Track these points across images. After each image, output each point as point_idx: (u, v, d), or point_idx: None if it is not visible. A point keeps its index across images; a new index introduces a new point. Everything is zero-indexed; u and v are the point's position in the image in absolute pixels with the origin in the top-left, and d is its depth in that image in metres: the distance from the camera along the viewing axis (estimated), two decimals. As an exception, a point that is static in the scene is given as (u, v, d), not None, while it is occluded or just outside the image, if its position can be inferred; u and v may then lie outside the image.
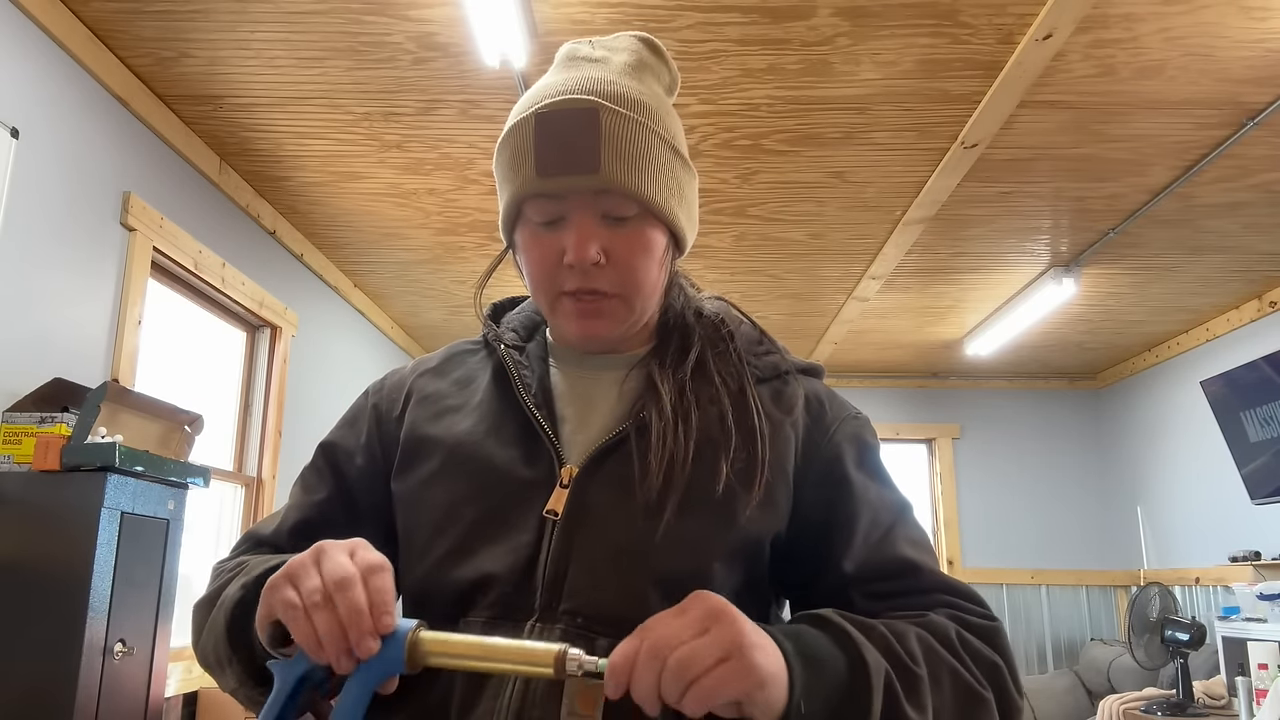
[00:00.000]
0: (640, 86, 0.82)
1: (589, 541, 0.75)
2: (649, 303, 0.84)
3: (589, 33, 2.37)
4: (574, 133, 0.76)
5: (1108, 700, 4.06)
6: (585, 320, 0.81)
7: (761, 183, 3.22)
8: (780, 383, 0.87)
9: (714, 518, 0.76)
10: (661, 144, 0.80)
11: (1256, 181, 3.12)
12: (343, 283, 4.25)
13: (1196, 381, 4.53)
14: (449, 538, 0.79)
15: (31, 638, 1.86)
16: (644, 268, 0.80)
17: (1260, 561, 4.06)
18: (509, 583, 0.75)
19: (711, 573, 0.75)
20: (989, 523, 5.75)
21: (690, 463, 0.77)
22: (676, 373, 0.83)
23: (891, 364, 5.77)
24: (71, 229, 2.36)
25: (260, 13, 2.30)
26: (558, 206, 0.78)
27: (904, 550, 0.81)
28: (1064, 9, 2.18)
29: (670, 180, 0.81)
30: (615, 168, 0.76)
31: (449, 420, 0.86)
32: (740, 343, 0.88)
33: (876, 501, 0.83)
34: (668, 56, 0.88)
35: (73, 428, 2.02)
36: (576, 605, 0.73)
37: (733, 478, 0.77)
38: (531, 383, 0.85)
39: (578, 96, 0.77)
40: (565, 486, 0.78)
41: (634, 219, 0.79)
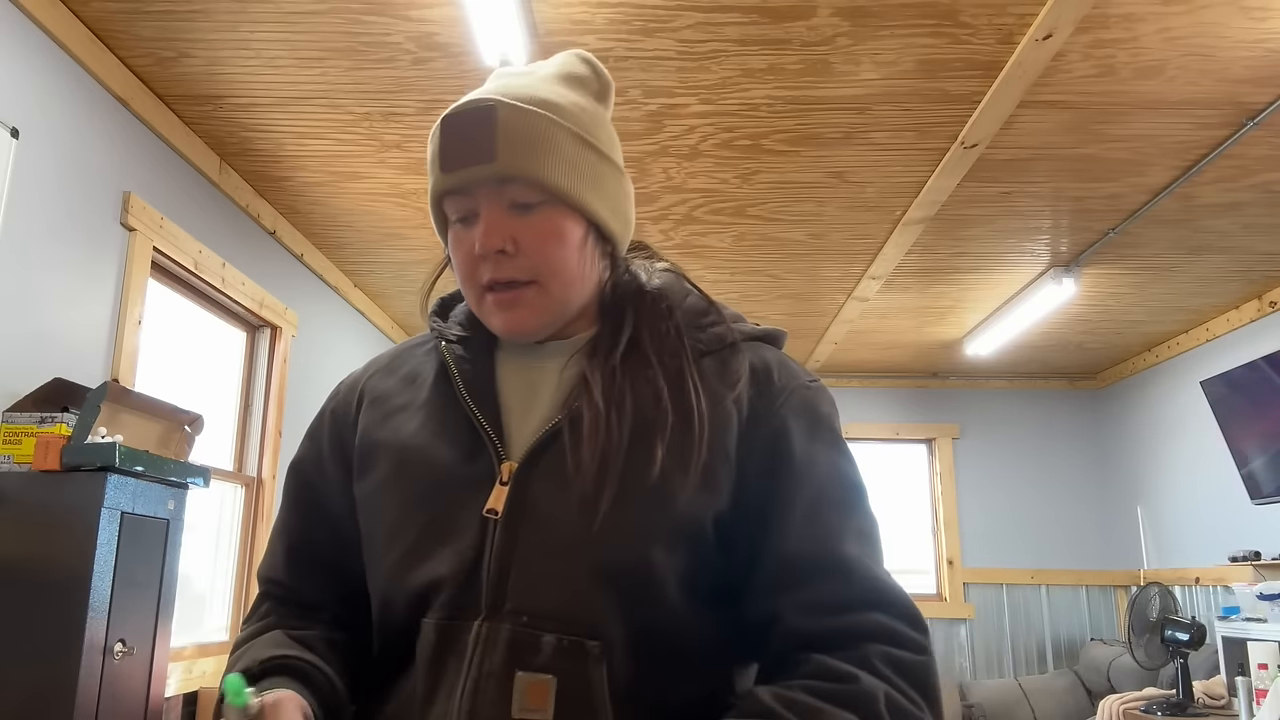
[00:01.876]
0: (555, 89, 0.84)
1: (530, 538, 0.75)
2: (570, 290, 0.82)
3: (589, 33, 2.37)
4: (472, 128, 0.79)
5: (1108, 700, 4.06)
6: (505, 312, 0.81)
7: (761, 183, 3.22)
8: (727, 353, 0.84)
9: (651, 504, 0.75)
10: (569, 136, 0.81)
11: (1256, 181, 3.12)
12: (343, 283, 4.25)
13: (1196, 381, 4.53)
14: (401, 542, 0.80)
15: (31, 638, 1.86)
16: (556, 254, 0.80)
17: (1260, 561, 4.06)
18: (456, 584, 0.76)
19: (652, 560, 0.74)
20: (989, 523, 5.75)
21: (626, 450, 0.76)
22: (609, 357, 0.81)
23: (891, 364, 5.77)
24: (71, 229, 2.36)
25: (260, 13, 2.30)
26: (469, 202, 0.80)
27: (844, 546, 0.77)
28: (1064, 9, 2.18)
29: (579, 170, 0.81)
30: (511, 155, 0.78)
31: (397, 421, 0.87)
32: (682, 316, 0.86)
33: (823, 480, 0.80)
34: (599, 68, 0.89)
35: (73, 428, 2.02)
36: (521, 604, 0.74)
37: (669, 461, 0.75)
38: (472, 377, 0.85)
39: (479, 98, 0.80)
40: (505, 484, 0.78)
41: (541, 206, 0.80)
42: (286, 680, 0.78)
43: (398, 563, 0.80)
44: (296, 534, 0.91)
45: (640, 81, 2.59)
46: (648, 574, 0.74)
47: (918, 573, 5.80)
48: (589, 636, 0.72)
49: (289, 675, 0.78)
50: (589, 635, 0.72)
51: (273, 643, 0.83)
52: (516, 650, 0.72)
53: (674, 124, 2.83)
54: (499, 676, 0.72)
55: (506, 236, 0.78)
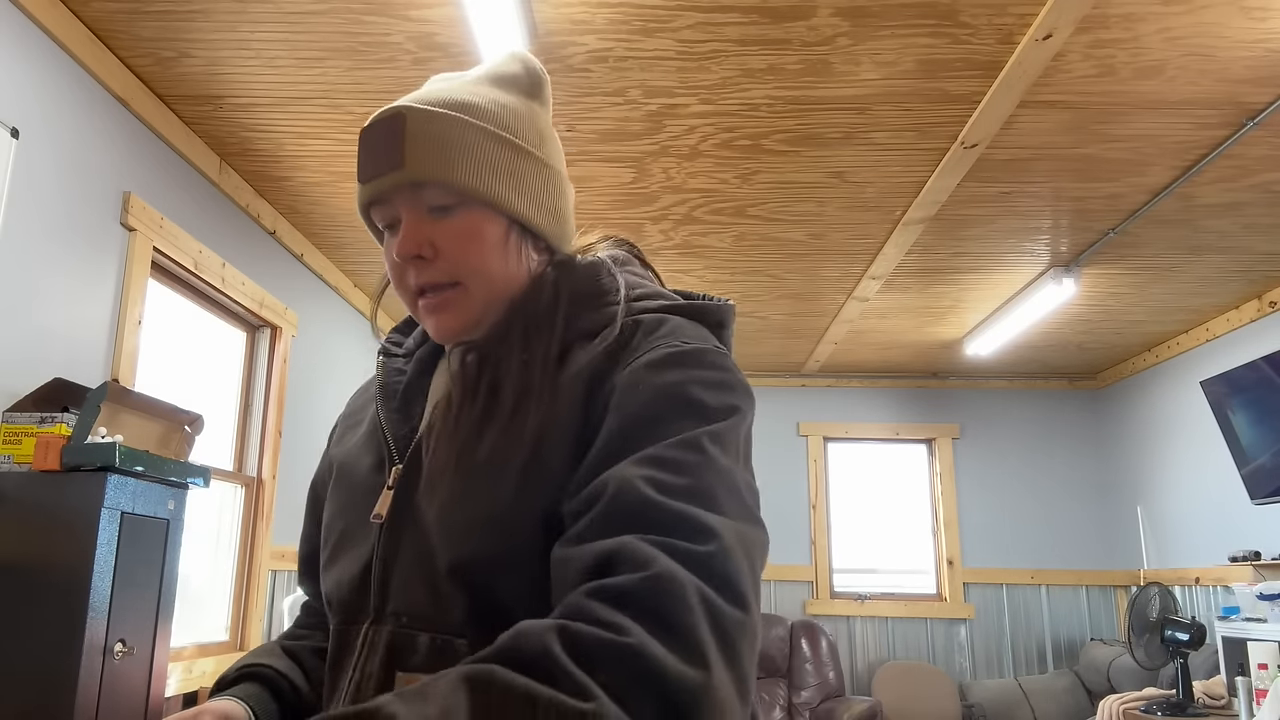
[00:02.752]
0: (475, 89, 0.84)
1: (407, 541, 0.77)
2: (496, 288, 0.81)
3: (589, 33, 2.37)
4: (382, 137, 0.80)
5: (1108, 700, 4.06)
6: (434, 315, 0.82)
7: (761, 183, 3.22)
8: (607, 331, 0.77)
9: (478, 497, 0.72)
10: (481, 135, 0.80)
11: (1256, 181, 3.12)
12: (343, 283, 4.25)
13: (1196, 381, 4.53)
14: (325, 551, 0.86)
15: (31, 638, 1.86)
16: (475, 254, 0.80)
17: (1260, 561, 4.06)
18: (349, 589, 0.80)
19: (495, 555, 0.70)
20: (989, 523, 5.75)
21: (464, 444, 0.75)
22: (474, 348, 0.80)
23: (891, 364, 5.77)
24: (71, 229, 2.36)
25: (260, 13, 2.30)
26: (389, 210, 0.81)
27: (625, 474, 0.63)
28: (1064, 9, 2.18)
29: (494, 168, 0.80)
30: (419, 160, 0.78)
31: (347, 437, 0.92)
32: (572, 298, 0.80)
33: (643, 402, 0.68)
34: (532, 64, 0.89)
35: (73, 428, 2.02)
36: (398, 606, 0.76)
37: (497, 451, 0.72)
38: (399, 388, 0.87)
39: (391, 107, 0.81)
40: (390, 488, 0.79)
41: (456, 208, 0.79)
42: (250, 685, 0.85)
43: (322, 569, 0.85)
44: (306, 546, 0.96)
45: (640, 81, 2.59)
46: (497, 568, 0.70)
47: (918, 573, 5.81)
48: (457, 635, 0.72)
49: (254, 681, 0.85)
50: (456, 633, 0.72)
51: (260, 651, 0.90)
52: (396, 651, 0.74)
53: (674, 124, 2.83)
54: (379, 677, 0.74)
55: (423, 241, 0.79)
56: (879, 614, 5.62)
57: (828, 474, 5.90)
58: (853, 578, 5.76)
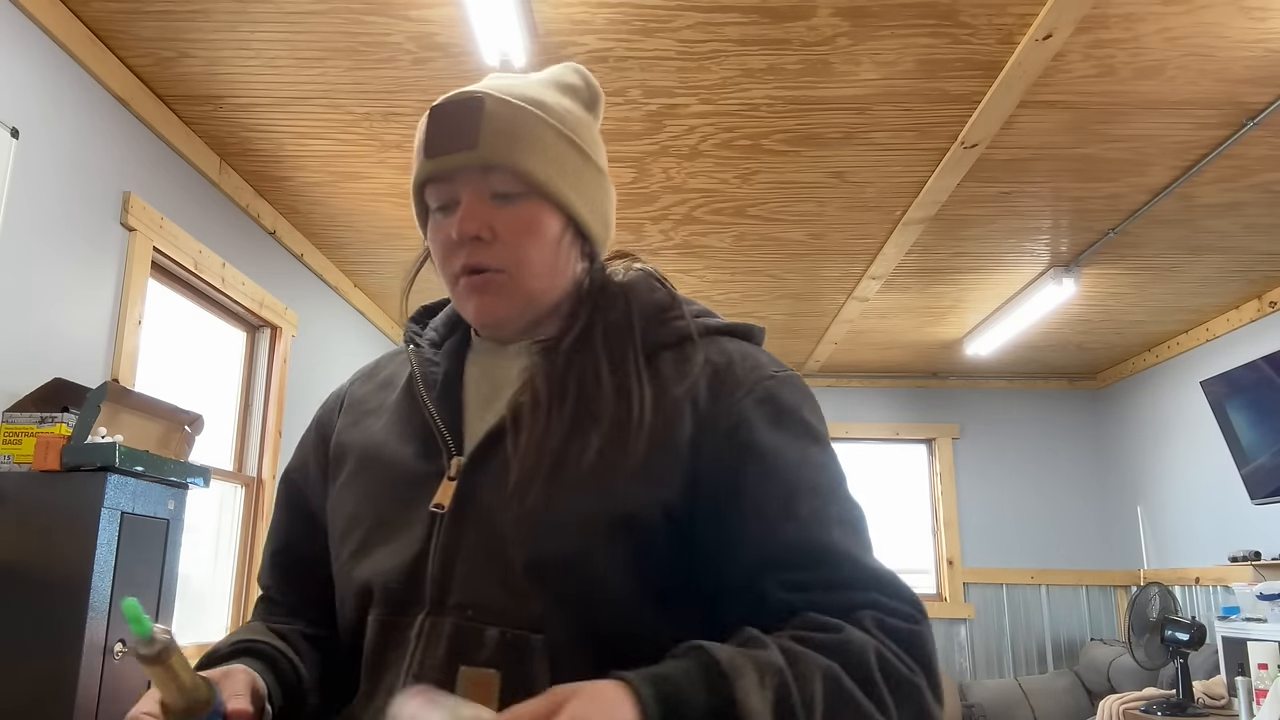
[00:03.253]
0: (545, 91, 0.86)
1: (474, 533, 0.76)
2: (542, 283, 0.82)
3: (589, 33, 2.37)
4: (458, 116, 0.80)
5: (1108, 700, 4.06)
6: (477, 296, 0.81)
7: (761, 183, 3.22)
8: (687, 348, 0.82)
9: (585, 497, 0.74)
10: (555, 134, 0.82)
11: (1256, 181, 3.12)
12: (343, 283, 4.25)
13: (1196, 381, 4.53)
14: (352, 540, 0.82)
15: (31, 638, 1.86)
16: (531, 245, 0.81)
17: (1260, 561, 4.06)
18: (397, 579, 0.77)
19: (589, 553, 0.73)
20: (989, 523, 5.75)
21: (565, 442, 0.75)
22: (557, 351, 0.81)
23: (891, 364, 5.77)
24: (71, 229, 2.36)
25: (260, 13, 2.30)
26: (450, 189, 0.81)
27: (828, 533, 0.73)
28: (1064, 9, 2.18)
29: (562, 166, 0.82)
30: (495, 143, 0.79)
31: (366, 424, 0.89)
32: (643, 310, 0.84)
33: (794, 471, 0.76)
34: (591, 79, 0.91)
35: (73, 428, 2.02)
36: (464, 598, 0.74)
37: (605, 453, 0.75)
38: (437, 377, 0.86)
39: (468, 90, 0.82)
40: (452, 479, 0.78)
41: (521, 197, 0.80)
42: (250, 660, 0.78)
43: (347, 560, 0.82)
44: (279, 539, 0.94)
45: (640, 81, 2.59)
46: (585, 567, 0.73)
47: (918, 573, 5.80)
48: (532, 630, 0.72)
49: (253, 656, 0.79)
50: (532, 629, 0.72)
51: (249, 630, 0.85)
52: (459, 644, 0.72)
53: (674, 124, 2.83)
54: (441, 670, 0.71)
55: (484, 224, 0.79)
56: (879, 614, 5.62)
57: (828, 474, 5.89)
58: (853, 578, 5.76)
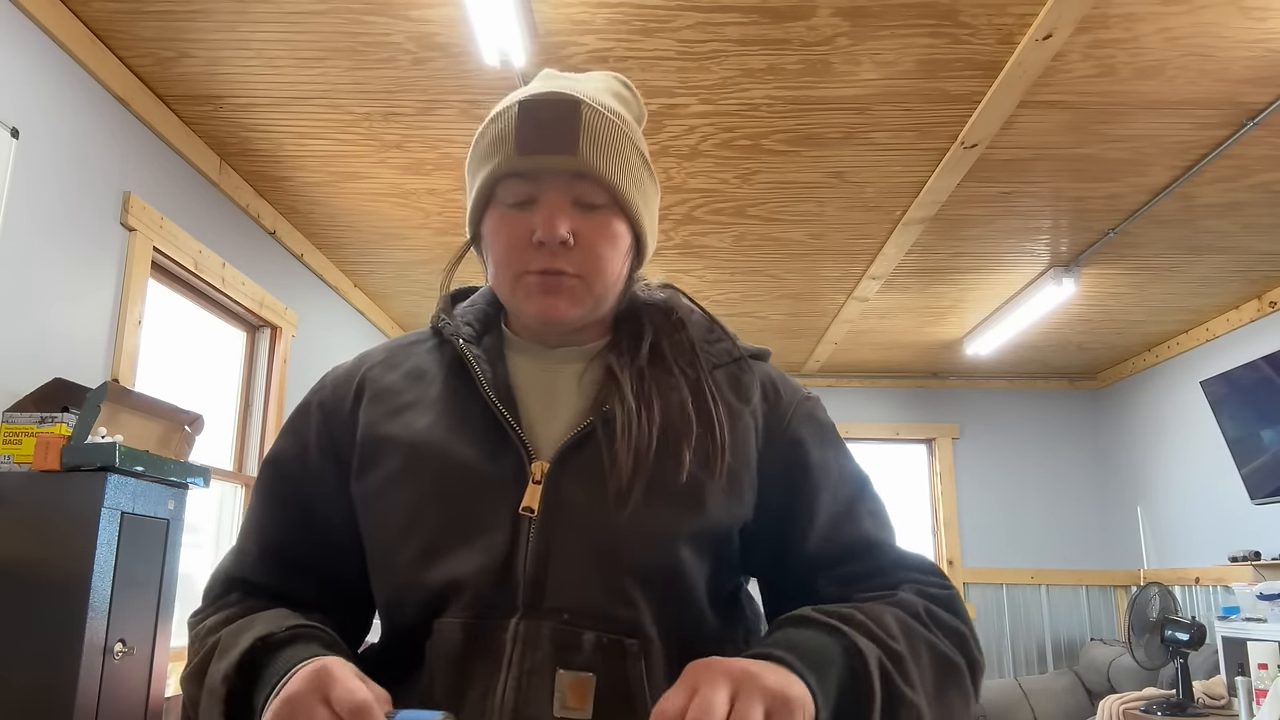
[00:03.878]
0: (617, 103, 0.88)
1: (567, 537, 0.76)
2: (609, 292, 0.85)
3: (589, 33, 2.37)
4: (556, 117, 0.80)
5: (1108, 700, 4.06)
6: (547, 297, 0.81)
7: (761, 183, 3.22)
8: (735, 369, 0.88)
9: (680, 506, 0.77)
10: (633, 148, 0.85)
11: (1256, 181, 3.12)
12: (343, 283, 4.25)
13: (1196, 381, 4.53)
14: (417, 540, 0.78)
15: (31, 638, 1.86)
16: (609, 255, 0.82)
17: (1260, 561, 4.06)
18: (485, 583, 0.75)
19: (682, 562, 0.77)
20: (989, 523, 5.75)
21: (655, 451, 0.78)
22: (634, 361, 0.84)
23: (891, 364, 5.77)
24: (71, 229, 2.36)
25: (260, 13, 2.30)
26: (531, 188, 0.81)
27: (865, 528, 0.84)
28: (1064, 9, 2.18)
29: (640, 183, 0.85)
30: (592, 153, 0.80)
31: (407, 418, 0.84)
32: (692, 330, 0.89)
33: (836, 480, 0.86)
34: (636, 92, 0.93)
35: (73, 428, 2.02)
36: (561, 602, 0.74)
37: (695, 466, 0.78)
38: (492, 376, 0.84)
39: (561, 91, 0.82)
40: (538, 483, 0.77)
41: (603, 208, 0.82)
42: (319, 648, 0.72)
43: (413, 561, 0.77)
44: (274, 532, 0.86)
45: (640, 81, 2.59)
46: (679, 574, 0.77)
47: (918, 573, 5.80)
48: (628, 635, 0.74)
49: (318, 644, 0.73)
50: (628, 633, 0.74)
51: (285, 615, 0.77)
52: (558, 647, 0.73)
53: (674, 124, 2.83)
54: (542, 674, 0.72)
55: (570, 229, 0.80)
56: (879, 614, 5.62)
57: (828, 474, 5.89)
58: (853, 578, 5.76)
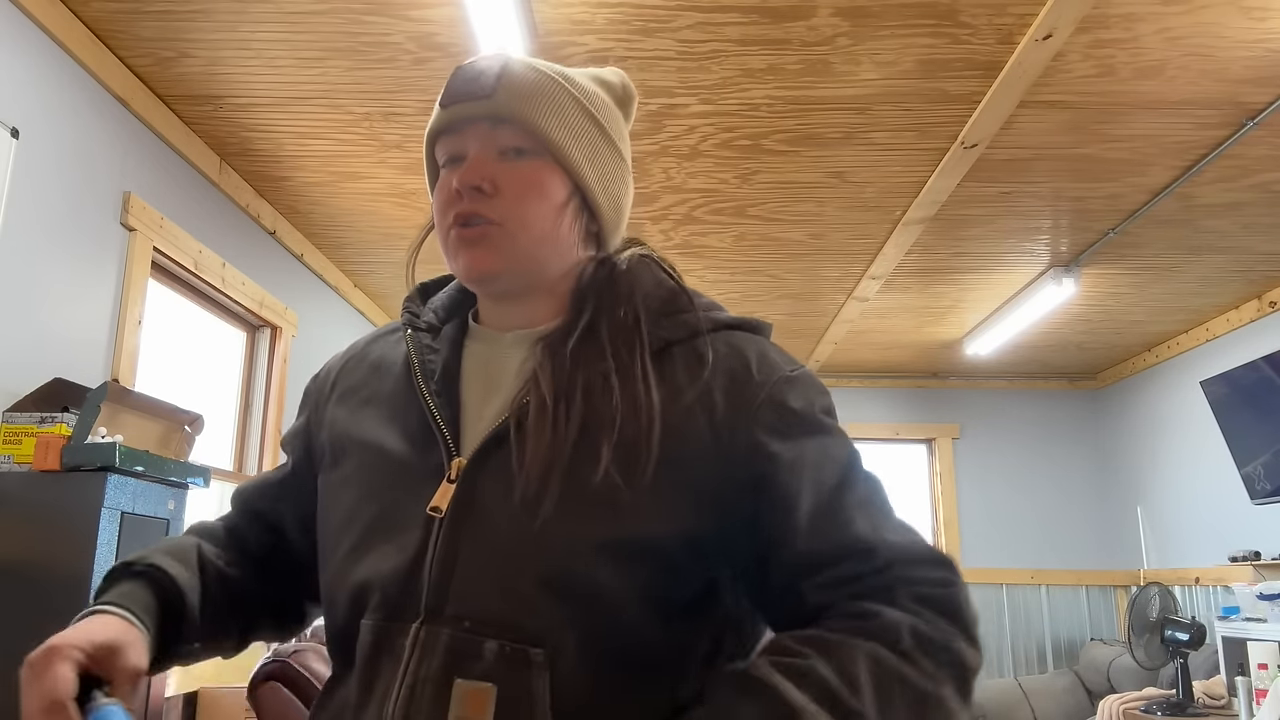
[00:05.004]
0: (577, 73, 0.86)
1: (475, 540, 0.72)
2: (538, 248, 0.80)
3: (589, 33, 2.37)
4: (479, 70, 0.80)
5: (1108, 700, 4.06)
6: (469, 249, 0.79)
7: (761, 183, 3.22)
8: (698, 343, 0.78)
9: (595, 512, 0.70)
10: (575, 103, 0.82)
11: (1256, 181, 3.12)
12: (343, 283, 4.25)
13: (1196, 381, 4.53)
14: (349, 538, 0.78)
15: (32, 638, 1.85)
16: (532, 204, 0.79)
17: (1260, 561, 4.06)
18: (394, 584, 0.73)
19: (599, 571, 0.70)
20: (989, 523, 5.75)
21: (571, 454, 0.71)
22: (562, 348, 0.77)
23: (891, 364, 5.77)
24: (71, 229, 2.36)
25: (260, 13, 2.30)
26: (459, 142, 0.81)
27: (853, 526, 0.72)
28: (1064, 9, 2.18)
29: (577, 134, 0.82)
30: (509, 96, 0.79)
31: (362, 414, 0.84)
32: (649, 303, 0.80)
33: (814, 474, 0.74)
34: (628, 81, 0.91)
35: (73, 428, 2.02)
36: (462, 609, 0.70)
37: (616, 465, 0.71)
38: (435, 367, 0.81)
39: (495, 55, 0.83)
40: (452, 481, 0.74)
41: (530, 154, 0.80)
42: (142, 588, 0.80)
43: (341, 560, 0.78)
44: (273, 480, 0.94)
45: (640, 81, 2.59)
46: (596, 584, 0.70)
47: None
48: (532, 644, 0.68)
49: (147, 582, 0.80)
50: (532, 643, 0.68)
51: (167, 549, 0.84)
52: (456, 656, 0.69)
53: (674, 124, 2.83)
54: (436, 683, 0.68)
55: (486, 175, 0.78)
56: (879, 614, 5.62)
57: (828, 474, 5.89)
58: (853, 578, 5.76)
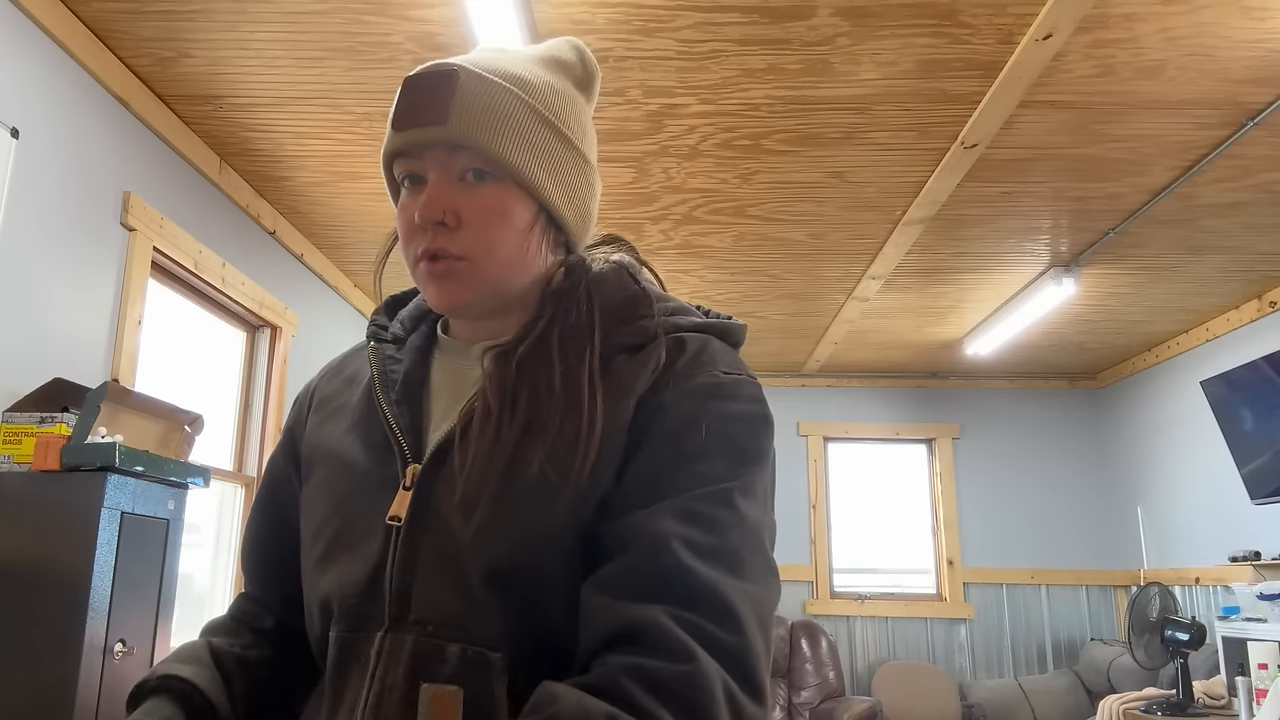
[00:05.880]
0: (530, 68, 0.81)
1: (430, 546, 0.72)
2: (507, 273, 0.78)
3: (589, 33, 2.37)
4: (429, 88, 0.76)
5: (1108, 700, 4.06)
6: (438, 283, 0.77)
7: (761, 183, 3.22)
8: (650, 348, 0.76)
9: (533, 512, 0.70)
10: (531, 114, 0.78)
11: (1256, 181, 3.12)
12: (343, 283, 4.25)
13: (1196, 381, 4.53)
14: (317, 548, 0.78)
15: (31, 638, 1.86)
16: (497, 233, 0.76)
17: (1260, 561, 4.06)
18: (357, 593, 0.74)
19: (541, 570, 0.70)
20: (989, 522, 5.75)
21: (513, 455, 0.71)
22: (512, 356, 0.77)
23: (891, 364, 5.77)
24: (71, 229, 2.36)
25: (260, 13, 2.30)
26: (417, 165, 0.77)
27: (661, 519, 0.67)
28: (1064, 9, 2.18)
29: (536, 150, 0.78)
30: (465, 122, 0.75)
31: (331, 425, 0.85)
32: (604, 310, 0.79)
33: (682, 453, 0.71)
34: (587, 56, 0.86)
35: (73, 428, 2.02)
36: (423, 614, 0.71)
37: (550, 464, 0.70)
38: (397, 377, 0.81)
39: (445, 62, 0.78)
40: (408, 488, 0.74)
41: (490, 180, 0.76)
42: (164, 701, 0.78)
43: (310, 572, 0.79)
44: (255, 528, 0.92)
45: (640, 81, 2.59)
46: (537, 580, 0.70)
47: (918, 573, 5.81)
48: (491, 648, 0.69)
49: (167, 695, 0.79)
50: (491, 646, 0.69)
51: (184, 655, 0.83)
52: (421, 661, 0.69)
53: (674, 124, 2.83)
54: (403, 689, 0.69)
55: (448, 208, 0.75)
56: (879, 614, 5.62)
57: (828, 474, 5.90)
58: (853, 578, 5.76)
